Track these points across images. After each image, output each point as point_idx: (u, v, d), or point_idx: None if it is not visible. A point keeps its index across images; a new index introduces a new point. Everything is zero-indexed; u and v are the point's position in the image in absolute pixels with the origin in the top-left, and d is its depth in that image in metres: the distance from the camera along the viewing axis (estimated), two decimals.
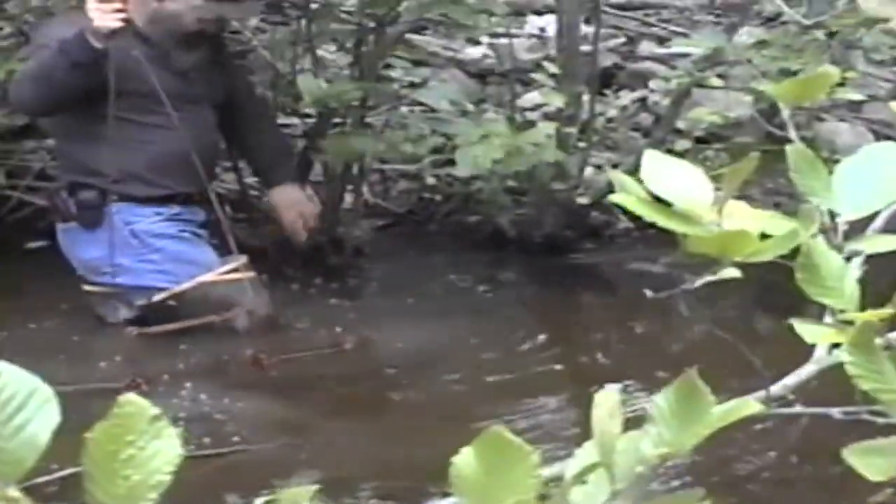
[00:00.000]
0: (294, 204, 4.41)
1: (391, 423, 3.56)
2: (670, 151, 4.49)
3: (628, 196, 1.10)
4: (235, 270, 4.09)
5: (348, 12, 4.81)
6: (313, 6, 4.75)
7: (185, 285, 4.04)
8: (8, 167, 5.05)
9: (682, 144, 5.15)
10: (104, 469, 0.90)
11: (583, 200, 4.84)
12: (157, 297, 4.04)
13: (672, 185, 1.13)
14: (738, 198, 1.20)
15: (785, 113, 1.26)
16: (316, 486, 0.99)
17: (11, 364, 1.00)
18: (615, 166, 4.98)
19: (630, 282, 4.73)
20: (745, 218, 1.09)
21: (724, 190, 1.10)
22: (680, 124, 5.23)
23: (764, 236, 1.11)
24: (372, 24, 4.54)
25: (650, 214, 1.10)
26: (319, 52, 4.83)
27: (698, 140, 5.30)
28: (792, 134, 1.24)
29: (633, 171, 1.28)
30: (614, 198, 1.11)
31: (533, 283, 4.80)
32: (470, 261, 4.87)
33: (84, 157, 4.07)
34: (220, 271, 4.08)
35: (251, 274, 4.11)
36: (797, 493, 3.03)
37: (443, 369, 3.87)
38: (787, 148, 1.20)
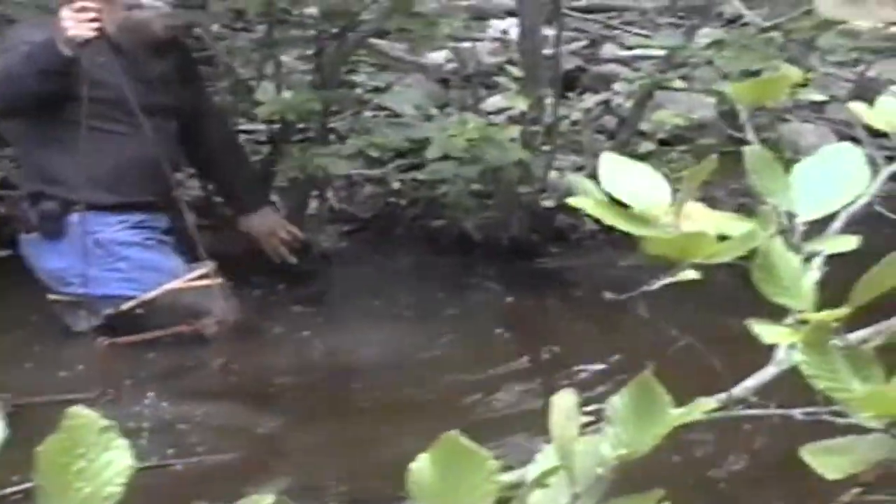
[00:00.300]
0: (273, 230, 4.45)
1: (358, 428, 3.55)
2: (634, 154, 4.53)
3: (587, 199, 1.10)
4: (203, 277, 4.08)
5: (311, 17, 4.80)
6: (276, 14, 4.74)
7: (153, 293, 4.02)
8: None
9: (646, 146, 5.17)
10: (55, 482, 0.90)
11: (548, 203, 4.85)
12: (126, 306, 4.02)
13: (630, 187, 1.13)
14: (702, 199, 1.21)
15: (743, 114, 1.27)
16: (274, 496, 0.99)
17: None
18: (579, 169, 4.99)
19: (596, 285, 4.73)
20: (704, 219, 1.10)
21: (684, 191, 1.11)
22: (644, 126, 5.25)
23: (723, 238, 1.11)
24: (334, 30, 4.54)
25: (608, 217, 1.11)
26: (282, 58, 4.82)
27: (662, 142, 5.32)
28: (750, 135, 1.24)
29: (597, 174, 1.28)
30: (573, 201, 1.11)
31: (499, 286, 4.80)
32: (436, 265, 4.87)
33: (45, 164, 4.05)
34: (188, 278, 4.07)
35: (219, 280, 4.10)
36: (764, 495, 3.04)
37: (409, 374, 3.87)
38: (745, 149, 1.21)
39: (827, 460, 1.07)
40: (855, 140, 1.40)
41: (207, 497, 3.03)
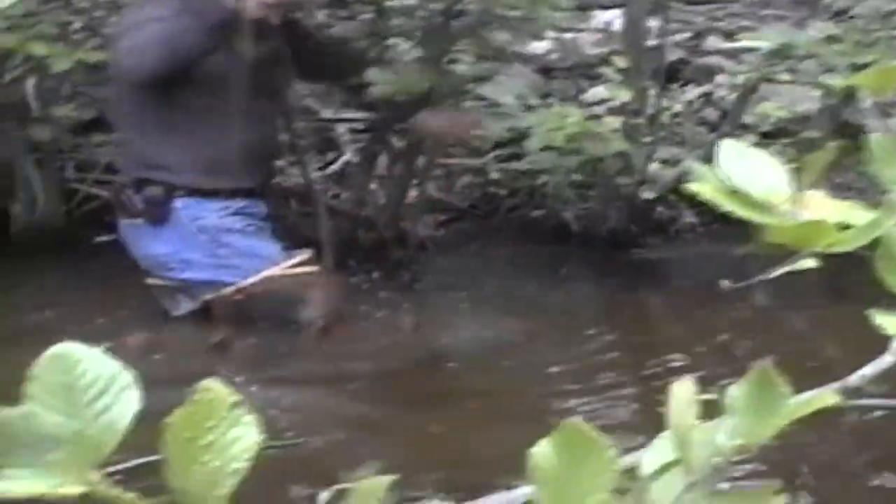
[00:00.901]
0: (445, 121, 4.41)
1: (452, 415, 3.55)
2: None
3: (704, 185, 1.08)
4: (301, 264, 4.10)
5: (415, 7, 4.80)
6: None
7: (252, 280, 4.04)
8: (77, 160, 5.10)
9: (749, 139, 5.10)
10: (183, 455, 0.91)
11: (648, 195, 4.81)
12: (225, 292, 4.05)
13: (749, 175, 1.11)
14: None
15: (867, 102, 1.24)
16: (393, 477, 0.99)
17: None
18: (678, 162, 4.95)
19: (695, 276, 4.70)
20: (824, 208, 1.08)
21: (802, 180, 1.09)
22: (746, 119, 5.18)
23: (843, 227, 1.09)
24: (439, 19, 4.54)
25: (726, 203, 1.09)
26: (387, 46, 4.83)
27: (765, 135, 5.25)
28: (874, 122, 1.22)
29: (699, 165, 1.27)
30: (691, 187, 1.10)
31: (597, 277, 4.78)
32: (533, 255, 4.86)
33: (152, 150, 4.05)
34: (286, 265, 4.09)
35: (316, 267, 4.12)
36: (871, 490, 2.98)
37: (505, 363, 3.86)
38: (869, 137, 1.19)
39: None
40: None
41: (301, 480, 3.06)
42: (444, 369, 3.94)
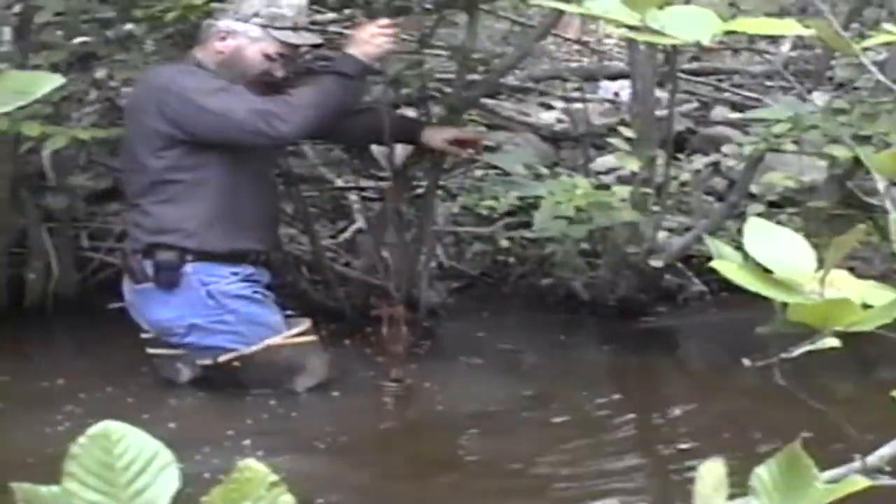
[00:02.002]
0: (449, 136, 4.42)
1: (460, 483, 3.54)
2: (742, 215, 4.50)
3: (728, 264, 1.11)
4: (302, 333, 4.12)
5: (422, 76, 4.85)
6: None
7: (254, 348, 4.05)
8: (91, 229, 5.14)
9: (755, 208, 5.13)
10: None
11: (656, 264, 4.84)
12: (223, 358, 4.05)
13: (773, 253, 1.14)
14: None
15: (881, 185, 1.28)
16: None
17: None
18: (688, 229, 4.99)
19: (704, 344, 4.72)
20: (849, 287, 1.11)
21: (828, 259, 1.11)
22: (752, 188, 5.22)
23: (864, 306, 1.12)
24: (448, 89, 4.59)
25: (750, 283, 1.11)
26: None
27: (771, 204, 5.28)
28: (888, 204, 1.25)
29: (709, 234, 1.30)
30: (715, 265, 1.12)
31: (606, 346, 4.80)
32: (543, 323, 4.88)
33: (168, 215, 4.05)
34: (288, 334, 4.10)
35: (315, 337, 4.14)
36: None
37: (513, 431, 3.87)
38: (891, 219, 1.22)
39: None
40: None
41: None
42: (450, 436, 3.94)
